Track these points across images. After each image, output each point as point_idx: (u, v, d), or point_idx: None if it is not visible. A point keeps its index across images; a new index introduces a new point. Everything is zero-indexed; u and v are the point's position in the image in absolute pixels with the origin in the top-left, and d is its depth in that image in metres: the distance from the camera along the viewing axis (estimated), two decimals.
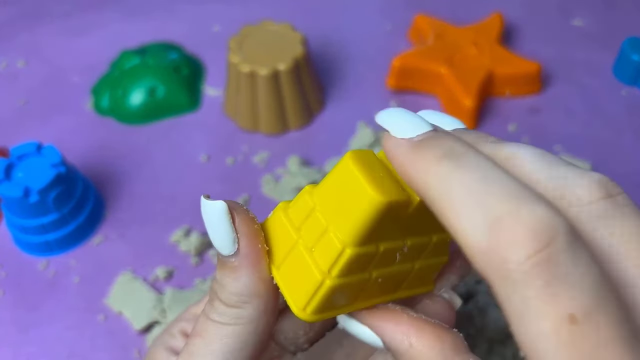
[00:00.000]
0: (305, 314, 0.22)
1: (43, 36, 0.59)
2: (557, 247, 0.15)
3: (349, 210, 0.20)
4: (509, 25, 0.57)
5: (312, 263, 0.21)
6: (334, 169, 0.21)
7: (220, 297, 0.23)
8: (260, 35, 0.48)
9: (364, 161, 0.21)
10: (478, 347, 0.33)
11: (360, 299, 0.23)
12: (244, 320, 0.23)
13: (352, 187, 0.20)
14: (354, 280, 0.22)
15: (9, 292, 0.41)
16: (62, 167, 0.40)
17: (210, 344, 0.23)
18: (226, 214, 0.23)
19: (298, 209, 0.22)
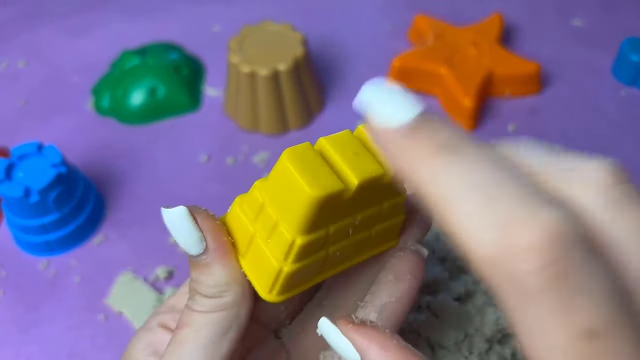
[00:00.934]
0: (271, 297, 0.24)
1: (44, 36, 0.59)
2: (572, 258, 0.14)
3: (291, 205, 0.22)
4: (508, 25, 0.57)
5: (269, 253, 0.23)
6: (275, 166, 0.23)
7: (200, 291, 0.24)
8: (261, 36, 0.48)
9: (300, 157, 0.22)
10: (477, 347, 0.33)
11: (324, 271, 0.25)
12: (226, 306, 0.24)
13: (291, 184, 0.22)
14: (311, 260, 0.24)
15: (10, 292, 0.41)
16: (63, 167, 0.40)
17: (197, 331, 0.24)
18: (188, 216, 0.24)
19: (250, 204, 0.24)
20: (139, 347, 0.27)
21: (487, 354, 0.34)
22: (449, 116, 0.50)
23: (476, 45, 0.52)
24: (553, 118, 0.50)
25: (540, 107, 0.51)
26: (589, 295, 0.14)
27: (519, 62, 0.51)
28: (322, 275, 0.26)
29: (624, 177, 0.17)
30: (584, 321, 0.14)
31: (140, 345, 0.27)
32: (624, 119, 0.50)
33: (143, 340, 0.27)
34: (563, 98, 0.52)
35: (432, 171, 0.16)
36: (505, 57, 0.51)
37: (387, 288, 0.26)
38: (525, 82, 0.51)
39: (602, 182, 0.16)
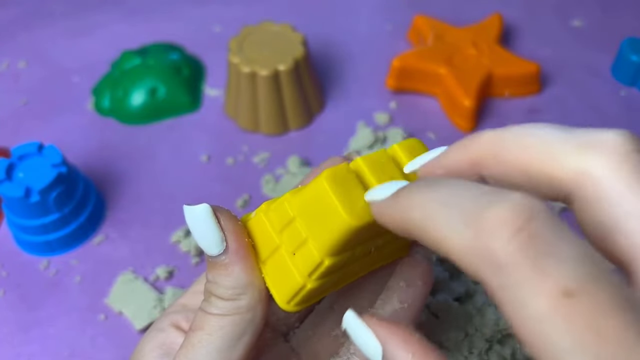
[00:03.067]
0: (289, 307, 0.24)
1: (44, 36, 0.59)
2: (538, 223, 0.15)
3: (325, 227, 0.22)
4: (508, 25, 0.57)
5: (293, 267, 0.23)
6: (311, 184, 0.23)
7: (216, 293, 0.24)
8: (261, 36, 0.49)
9: (339, 181, 0.22)
10: (476, 346, 0.33)
11: (340, 283, 0.26)
12: (241, 309, 0.24)
13: (328, 207, 0.22)
14: (333, 277, 0.24)
15: (10, 292, 0.41)
16: (63, 167, 0.40)
17: (211, 334, 0.24)
18: (211, 215, 0.24)
19: (278, 215, 0.24)
20: (149, 348, 0.27)
21: (487, 353, 0.34)
22: (449, 116, 0.50)
23: (476, 46, 0.52)
24: (553, 118, 0.50)
25: (540, 108, 0.51)
26: (560, 256, 0.15)
27: (518, 62, 0.51)
28: (337, 286, 0.26)
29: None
30: (559, 283, 0.14)
31: (151, 346, 0.27)
32: (624, 119, 0.50)
33: (154, 340, 0.27)
34: (563, 98, 0.52)
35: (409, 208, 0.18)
36: (505, 57, 0.51)
37: (398, 294, 0.26)
38: (524, 82, 0.51)
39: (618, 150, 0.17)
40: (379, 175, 0.23)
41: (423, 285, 0.27)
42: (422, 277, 0.27)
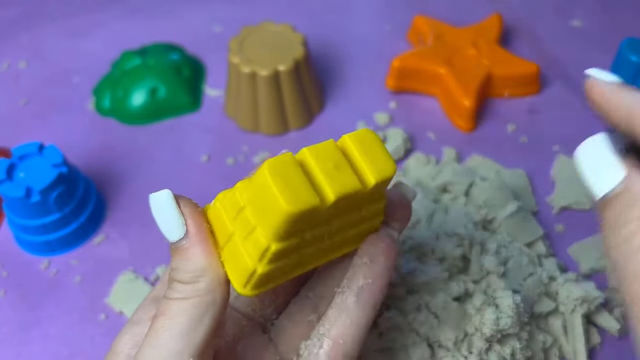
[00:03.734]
0: (245, 291, 0.25)
1: (44, 37, 0.59)
2: None
3: (268, 214, 0.23)
4: (508, 26, 0.57)
5: (245, 252, 0.24)
6: (255, 174, 0.24)
7: (177, 277, 0.25)
8: (261, 36, 0.49)
9: (280, 169, 0.23)
10: (476, 346, 0.34)
11: (298, 268, 0.26)
12: (200, 292, 0.25)
13: (269, 195, 0.23)
14: (285, 262, 0.25)
15: (11, 292, 0.41)
16: (64, 167, 0.41)
17: (172, 318, 0.24)
18: (172, 200, 0.25)
19: (231, 204, 0.25)
20: (124, 340, 0.27)
21: (486, 353, 0.34)
22: (449, 116, 0.50)
23: (476, 46, 0.52)
24: (552, 118, 0.51)
25: (540, 108, 0.51)
26: None
27: (518, 62, 0.51)
28: (297, 271, 0.27)
29: None
30: None
31: (126, 338, 0.27)
32: None
33: (129, 333, 0.28)
34: (562, 98, 0.52)
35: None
36: (505, 57, 0.51)
37: (362, 271, 0.27)
38: (524, 82, 0.51)
39: None
40: (324, 164, 0.24)
41: (385, 260, 0.28)
42: (384, 252, 0.28)
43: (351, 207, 0.25)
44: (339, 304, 0.27)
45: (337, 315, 0.26)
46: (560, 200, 0.44)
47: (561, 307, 0.37)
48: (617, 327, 0.37)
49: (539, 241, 0.41)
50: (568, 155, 0.47)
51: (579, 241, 0.42)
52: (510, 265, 0.38)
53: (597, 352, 0.37)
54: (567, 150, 0.48)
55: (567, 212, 0.44)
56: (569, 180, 0.45)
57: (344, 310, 0.27)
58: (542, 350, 0.36)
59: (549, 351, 0.36)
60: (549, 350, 0.36)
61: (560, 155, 0.47)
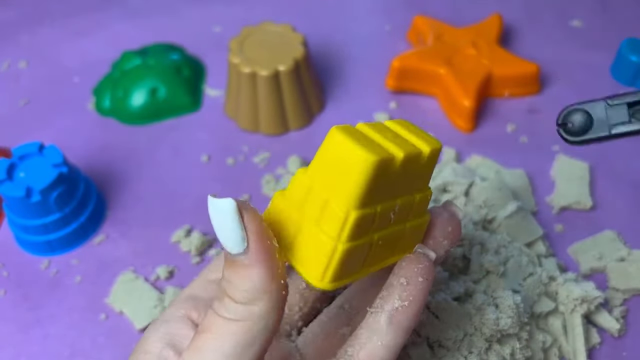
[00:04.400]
0: (323, 283, 0.24)
1: (45, 37, 0.59)
2: None
3: (345, 177, 0.22)
4: (508, 26, 0.57)
5: (321, 234, 0.23)
6: (322, 145, 0.23)
7: (230, 294, 0.23)
8: (261, 36, 0.49)
9: (348, 131, 0.23)
10: (476, 346, 0.34)
11: (366, 265, 0.25)
12: (254, 316, 0.23)
13: (344, 155, 0.22)
14: (361, 243, 0.24)
15: (11, 292, 0.41)
16: (64, 167, 0.41)
17: (219, 339, 0.23)
18: (235, 213, 0.22)
19: (296, 191, 0.24)
20: (154, 339, 0.26)
21: (486, 353, 0.34)
22: (449, 116, 0.50)
23: (475, 46, 0.52)
24: (552, 118, 0.50)
25: (540, 108, 0.51)
26: None
27: (518, 62, 0.51)
28: (364, 271, 0.26)
29: None
30: None
31: (156, 337, 0.26)
32: None
33: (159, 331, 0.26)
34: (562, 98, 0.52)
35: None
36: (505, 57, 0.51)
37: (399, 292, 0.26)
38: (524, 82, 0.51)
39: None
40: (384, 134, 0.24)
41: (424, 282, 0.26)
42: (423, 274, 0.26)
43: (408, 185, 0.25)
44: (370, 325, 0.25)
45: (368, 337, 0.25)
46: (560, 200, 0.44)
47: (561, 307, 0.37)
48: (617, 327, 0.37)
49: (539, 241, 0.41)
50: (568, 155, 0.47)
51: (578, 241, 0.42)
52: (510, 265, 0.38)
53: (597, 352, 0.37)
54: (567, 151, 0.48)
55: (566, 212, 0.44)
56: (569, 180, 0.45)
57: (375, 332, 0.25)
58: (542, 350, 0.36)
59: (549, 351, 0.36)
60: (549, 350, 0.36)
61: (560, 155, 0.47)
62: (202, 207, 0.45)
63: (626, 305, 0.39)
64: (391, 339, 0.25)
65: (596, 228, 0.43)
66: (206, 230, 0.43)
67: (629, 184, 0.46)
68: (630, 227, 0.43)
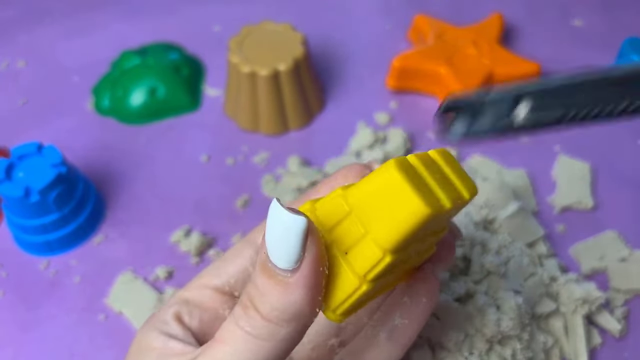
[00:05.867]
0: (334, 315, 0.23)
1: (44, 36, 0.59)
2: None
3: (392, 217, 0.21)
4: (508, 25, 0.57)
5: (347, 268, 0.22)
6: (374, 175, 0.21)
7: (258, 307, 0.21)
8: (261, 36, 0.48)
9: (407, 170, 0.21)
10: (477, 347, 0.33)
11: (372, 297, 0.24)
12: (277, 338, 0.21)
13: (398, 195, 0.21)
14: (382, 281, 0.23)
15: (10, 292, 0.41)
16: (63, 167, 0.40)
17: (233, 354, 0.21)
18: (303, 234, 0.20)
19: (330, 211, 0.22)
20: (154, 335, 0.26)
21: (487, 354, 0.34)
22: None
23: (476, 45, 0.52)
24: None
25: None
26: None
27: (519, 62, 0.51)
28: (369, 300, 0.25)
29: None
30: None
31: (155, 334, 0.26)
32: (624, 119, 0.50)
33: (158, 329, 0.26)
34: None
35: None
36: (506, 57, 0.51)
37: (401, 310, 0.25)
38: None
39: None
40: (433, 174, 0.22)
41: (427, 302, 0.26)
42: (427, 294, 0.26)
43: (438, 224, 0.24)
44: (369, 338, 0.25)
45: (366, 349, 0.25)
46: (561, 201, 0.44)
47: (562, 307, 0.37)
48: (618, 327, 0.37)
49: (540, 241, 0.41)
50: (569, 155, 0.47)
51: (580, 241, 0.42)
52: (511, 265, 0.38)
53: (598, 353, 0.37)
54: (568, 150, 0.48)
55: (568, 212, 0.44)
56: (570, 180, 0.45)
57: (374, 345, 0.25)
58: (543, 350, 0.36)
59: (550, 352, 0.36)
60: (550, 351, 0.36)
61: (561, 155, 0.47)
62: (201, 207, 0.45)
63: (627, 306, 0.39)
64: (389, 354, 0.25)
65: (597, 228, 0.43)
66: (206, 231, 0.43)
67: (631, 184, 0.46)
68: (632, 228, 0.43)
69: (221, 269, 0.28)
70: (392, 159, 0.21)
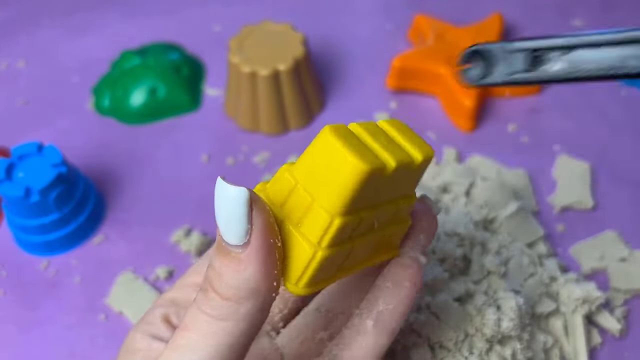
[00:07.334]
0: (297, 288, 0.23)
1: (44, 36, 0.59)
2: None
3: (333, 181, 0.21)
4: (508, 25, 0.57)
5: (300, 237, 0.22)
6: (312, 144, 0.22)
7: (216, 288, 0.21)
8: (261, 36, 0.48)
9: (341, 133, 0.22)
10: (477, 347, 0.33)
11: (342, 269, 0.25)
12: (239, 317, 0.21)
13: (335, 158, 0.21)
14: (340, 250, 0.23)
15: (10, 292, 0.41)
16: (63, 167, 0.40)
17: (200, 338, 0.21)
18: (246, 204, 0.21)
19: (278, 188, 0.23)
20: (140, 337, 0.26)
21: (487, 354, 0.34)
22: (449, 116, 0.50)
23: None
24: (553, 118, 0.50)
25: (541, 107, 0.51)
26: None
27: None
28: (338, 275, 0.25)
29: None
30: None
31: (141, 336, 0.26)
32: (624, 119, 0.50)
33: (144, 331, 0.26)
34: (563, 98, 0.52)
35: None
36: None
37: (384, 295, 0.26)
38: None
39: None
40: (377, 138, 0.23)
41: (410, 287, 0.26)
42: (410, 279, 0.26)
43: (394, 192, 0.24)
44: (356, 326, 0.25)
45: (353, 337, 0.25)
46: (561, 200, 0.44)
47: (562, 307, 0.37)
48: (618, 327, 0.37)
49: (540, 241, 0.41)
50: (569, 155, 0.47)
51: (580, 241, 0.42)
52: (511, 265, 0.38)
53: (598, 353, 0.37)
54: (568, 150, 0.48)
55: (568, 212, 0.44)
56: (570, 180, 0.45)
57: (360, 333, 0.25)
58: (543, 350, 0.36)
59: (550, 352, 0.36)
60: (550, 351, 0.36)
61: (561, 155, 0.47)
62: (202, 207, 0.45)
63: (627, 306, 0.39)
64: (376, 341, 0.25)
65: (597, 228, 0.43)
66: (206, 231, 0.43)
67: (631, 184, 0.46)
68: (632, 227, 0.43)
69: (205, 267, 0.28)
70: (328, 125, 0.22)
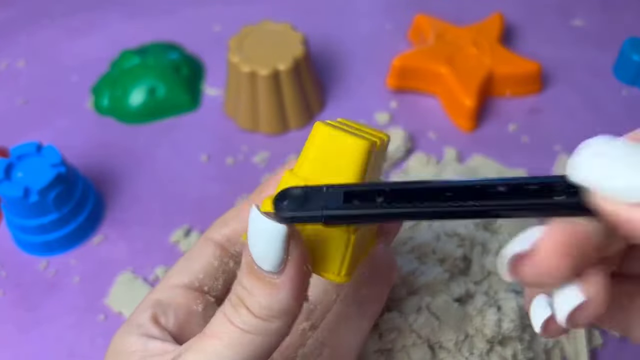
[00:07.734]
0: (341, 277, 0.24)
1: (43, 36, 0.59)
2: None
3: (341, 164, 0.23)
4: (509, 25, 0.57)
5: (329, 231, 0.23)
6: (309, 141, 0.24)
7: (248, 305, 0.22)
8: (261, 35, 0.48)
9: (332, 125, 0.24)
10: (477, 347, 0.33)
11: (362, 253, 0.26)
12: (267, 333, 0.22)
13: (337, 144, 0.23)
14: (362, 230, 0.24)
15: (9, 292, 0.41)
16: (62, 167, 0.40)
17: (228, 347, 0.22)
18: (284, 240, 0.21)
19: None
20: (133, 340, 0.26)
21: (487, 355, 0.33)
22: (450, 116, 0.50)
23: (477, 45, 0.51)
24: (554, 118, 0.50)
25: (541, 107, 0.51)
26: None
27: (519, 61, 0.51)
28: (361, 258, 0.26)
29: None
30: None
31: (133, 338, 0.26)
32: (625, 119, 0.50)
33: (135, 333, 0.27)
34: (564, 98, 0.52)
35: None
36: (506, 56, 0.51)
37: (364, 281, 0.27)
38: (526, 81, 0.51)
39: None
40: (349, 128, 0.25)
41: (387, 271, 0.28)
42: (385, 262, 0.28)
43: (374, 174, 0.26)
44: (339, 313, 0.26)
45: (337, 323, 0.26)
46: None
47: None
48: None
49: None
50: (570, 154, 0.47)
51: None
52: None
53: (599, 354, 0.37)
54: (569, 150, 0.47)
55: None
56: None
57: (344, 319, 0.26)
58: (544, 351, 0.36)
59: (551, 352, 0.36)
60: (551, 352, 0.36)
61: (561, 155, 0.47)
62: (201, 206, 0.45)
63: None
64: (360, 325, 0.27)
65: None
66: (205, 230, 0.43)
67: None
68: None
69: (187, 268, 0.29)
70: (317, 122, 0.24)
